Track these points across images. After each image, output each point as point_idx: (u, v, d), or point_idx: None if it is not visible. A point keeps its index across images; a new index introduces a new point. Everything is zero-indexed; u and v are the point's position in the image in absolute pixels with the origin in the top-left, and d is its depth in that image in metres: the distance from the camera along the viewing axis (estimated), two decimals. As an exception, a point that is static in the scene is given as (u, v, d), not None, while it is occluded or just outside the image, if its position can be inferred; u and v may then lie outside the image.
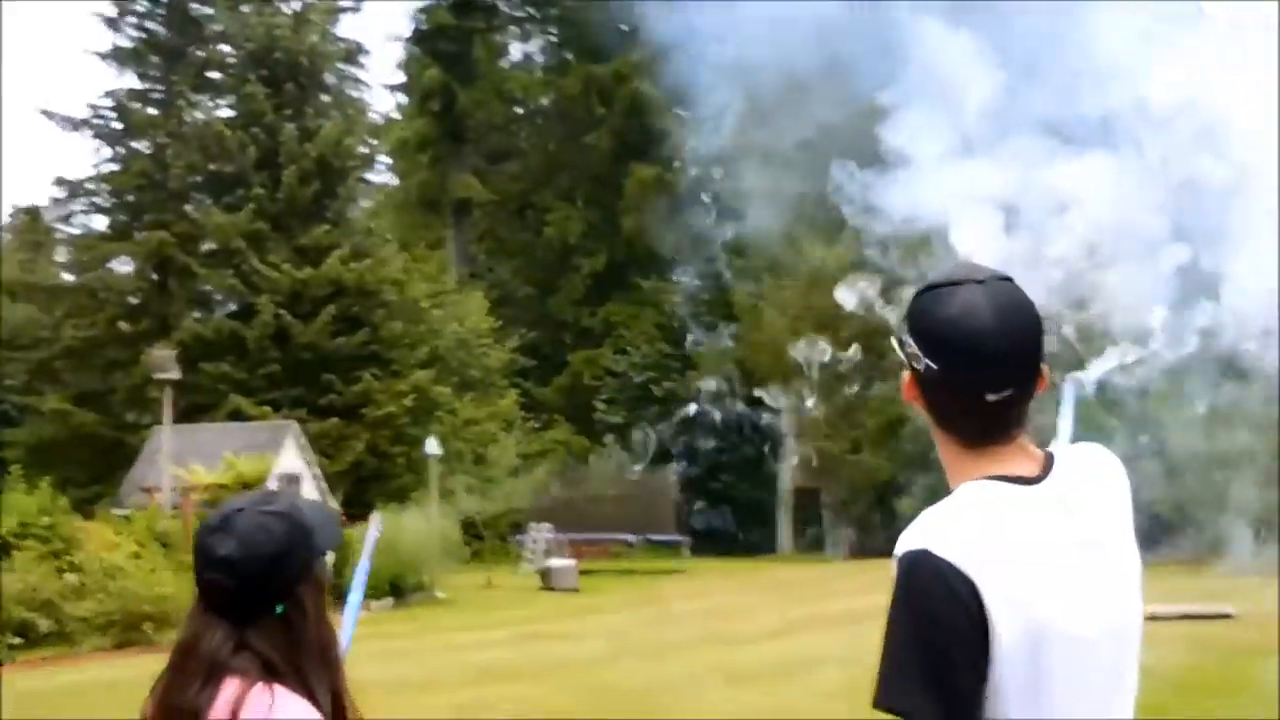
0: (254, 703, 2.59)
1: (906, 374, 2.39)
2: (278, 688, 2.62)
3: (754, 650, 19.18)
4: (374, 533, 4.11)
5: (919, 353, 2.33)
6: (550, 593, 32.94)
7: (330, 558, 2.82)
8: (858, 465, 47.98)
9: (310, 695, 2.66)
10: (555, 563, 35.80)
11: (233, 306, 45.21)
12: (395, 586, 28.07)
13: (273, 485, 29.98)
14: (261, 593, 2.65)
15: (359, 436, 41.41)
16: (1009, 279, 2.36)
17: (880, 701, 2.20)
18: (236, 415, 39.84)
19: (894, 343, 2.41)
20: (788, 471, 52.78)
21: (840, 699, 14.12)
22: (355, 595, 3.83)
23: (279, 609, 2.67)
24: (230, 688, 2.61)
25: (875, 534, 48.15)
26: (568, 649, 20.18)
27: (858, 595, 28.81)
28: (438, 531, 30.24)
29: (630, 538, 44.24)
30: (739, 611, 26.45)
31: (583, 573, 35.36)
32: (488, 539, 37.22)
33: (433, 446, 35.69)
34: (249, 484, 26.77)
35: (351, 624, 3.66)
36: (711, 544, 47.37)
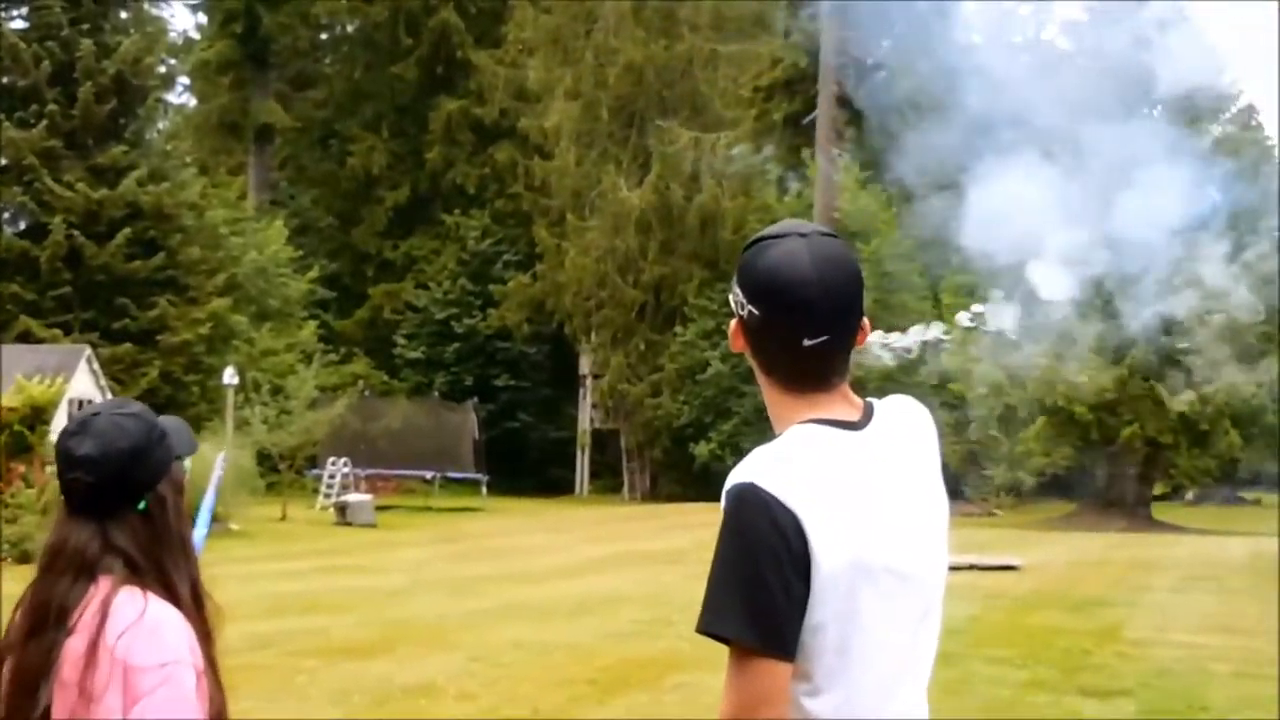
0: (125, 604, 2.70)
1: (734, 322, 2.51)
2: (150, 595, 2.73)
3: (551, 588, 19.35)
4: (219, 470, 4.19)
5: (744, 300, 2.45)
6: (346, 528, 32.76)
7: (187, 464, 2.94)
8: (656, 409, 48.43)
9: (171, 587, 2.78)
10: (352, 498, 35.60)
11: (23, 225, 43.86)
12: (189, 516, 27.62)
13: (63, 410, 29.25)
14: (121, 489, 2.76)
15: (153, 363, 40.55)
16: (833, 235, 2.50)
17: (703, 627, 2.30)
18: (26, 337, 38.69)
19: (730, 295, 2.53)
20: (586, 412, 53.15)
21: (635, 637, 14.41)
22: (200, 529, 3.91)
23: (140, 505, 2.78)
24: (100, 587, 2.71)
25: (671, 478, 48.77)
26: (365, 582, 20.12)
27: (652, 538, 29.32)
28: (232, 462, 29.84)
29: (428, 474, 44.12)
30: (537, 550, 26.65)
31: (380, 508, 35.23)
32: (284, 472, 36.81)
33: (229, 376, 35.15)
34: (39, 407, 26.08)
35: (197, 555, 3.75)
36: (510, 482, 47.49)
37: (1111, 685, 11.84)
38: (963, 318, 5.04)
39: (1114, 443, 37.80)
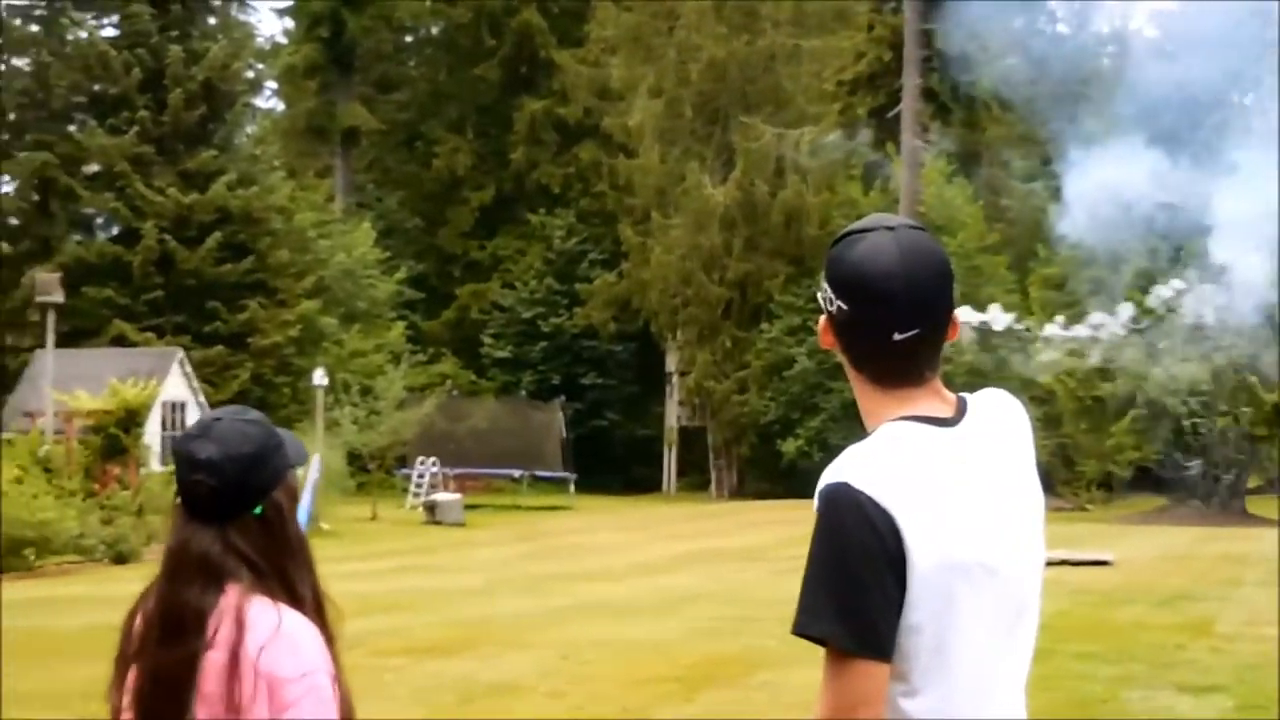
0: (260, 615, 2.71)
1: (823, 318, 2.50)
2: (281, 605, 2.75)
3: (632, 585, 19.34)
4: (314, 474, 4.23)
5: (832, 295, 2.44)
6: (435, 527, 32.94)
7: (300, 472, 2.96)
8: (742, 406, 48.32)
9: (295, 592, 2.80)
10: (441, 497, 35.76)
11: (116, 230, 44.56)
12: (294, 522, 27.84)
13: (156, 413, 29.68)
14: (241, 493, 2.77)
15: (244, 365, 41.08)
16: (921, 228, 2.49)
17: (798, 629, 2.30)
18: (119, 341, 39.34)
19: (818, 290, 2.53)
20: (673, 410, 53.11)
21: (717, 635, 14.36)
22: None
23: (258, 510, 2.79)
24: (230, 597, 2.72)
25: (758, 475, 48.64)
26: (447, 581, 20.20)
27: (736, 535, 29.26)
28: (323, 463, 30.13)
29: (516, 473, 44.27)
30: (620, 548, 26.66)
31: (468, 507, 35.34)
32: (373, 472, 37.11)
33: (319, 377, 35.42)
34: (133, 410, 26.48)
35: None
36: (597, 481, 47.56)
37: (1205, 681, 11.67)
38: (1158, 295, 4.84)
39: (1207, 435, 37.26)
